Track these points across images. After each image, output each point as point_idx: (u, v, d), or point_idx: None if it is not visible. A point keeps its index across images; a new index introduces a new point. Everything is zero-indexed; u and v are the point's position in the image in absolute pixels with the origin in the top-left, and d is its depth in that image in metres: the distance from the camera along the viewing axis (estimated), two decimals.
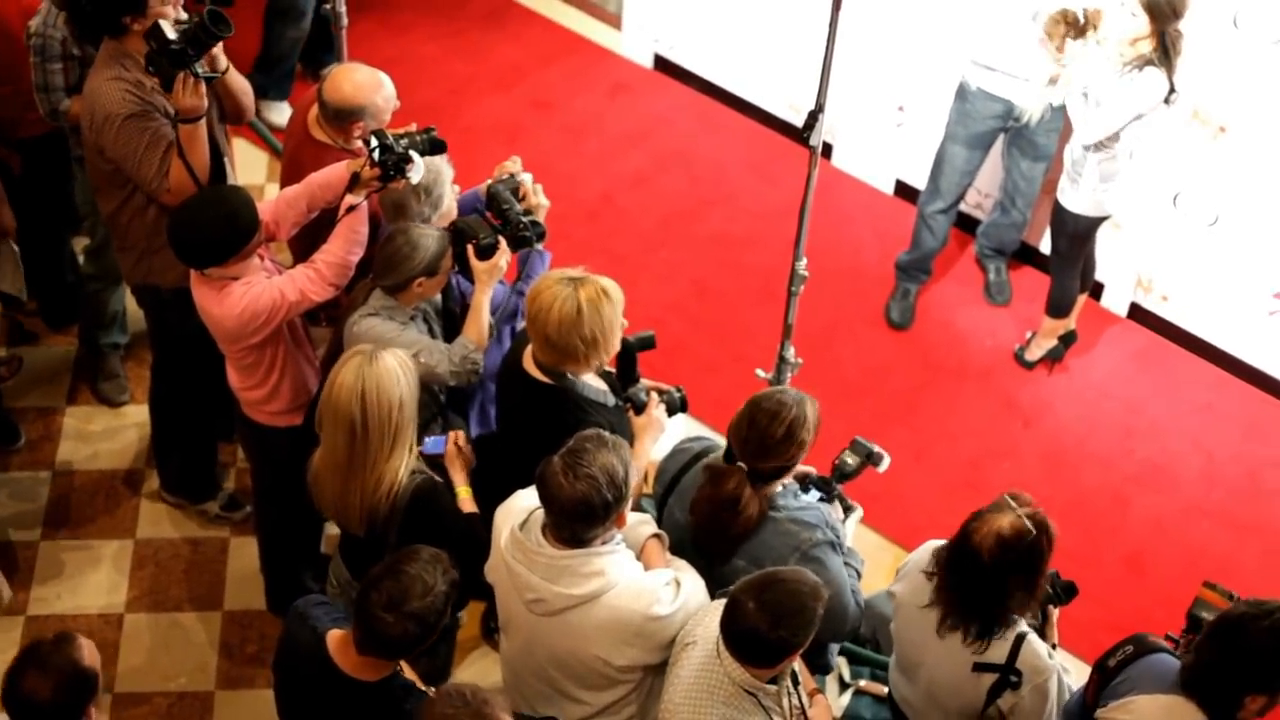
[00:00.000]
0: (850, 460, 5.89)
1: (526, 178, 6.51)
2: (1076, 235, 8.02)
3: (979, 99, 8.09)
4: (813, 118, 6.24)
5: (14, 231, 7.46)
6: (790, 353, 6.99)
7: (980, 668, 5.29)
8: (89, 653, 4.97)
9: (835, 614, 5.41)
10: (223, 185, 6.41)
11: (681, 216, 9.36)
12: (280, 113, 9.46)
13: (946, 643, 5.32)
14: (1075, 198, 7.81)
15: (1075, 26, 7.48)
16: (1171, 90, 7.33)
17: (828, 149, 9.40)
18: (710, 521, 5.44)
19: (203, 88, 6.20)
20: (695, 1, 9.87)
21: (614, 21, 10.56)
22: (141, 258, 6.83)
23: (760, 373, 7.08)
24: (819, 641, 5.42)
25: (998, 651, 5.28)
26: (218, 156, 6.60)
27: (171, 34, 6.08)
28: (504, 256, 6.12)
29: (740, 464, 5.35)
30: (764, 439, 5.29)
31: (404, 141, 6.05)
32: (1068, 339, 8.55)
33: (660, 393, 6.02)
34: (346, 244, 6.14)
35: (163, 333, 7.12)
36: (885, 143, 9.36)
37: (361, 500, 5.53)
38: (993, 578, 5.14)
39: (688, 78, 10.20)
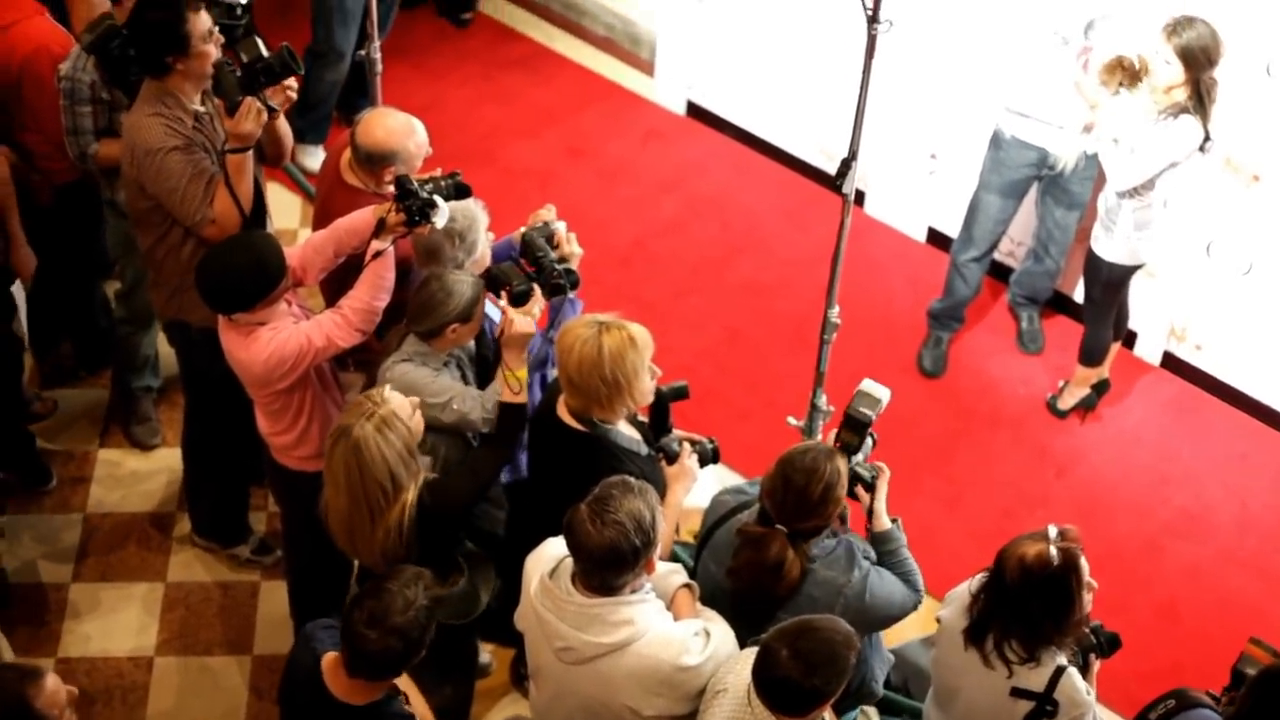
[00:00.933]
0: (850, 438, 5.69)
1: (560, 225, 6.50)
2: (1110, 283, 7.99)
3: (1013, 147, 8.09)
4: (846, 165, 6.24)
5: (29, 276, 7.50)
6: (822, 400, 6.97)
7: (1017, 693, 5.28)
8: (48, 695, 4.79)
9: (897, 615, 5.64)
10: (252, 231, 6.42)
11: (713, 263, 9.36)
12: (315, 157, 9.50)
13: (984, 668, 5.32)
14: (1109, 246, 7.78)
15: (1130, 73, 7.44)
16: (1207, 138, 7.31)
17: (860, 196, 9.40)
18: (753, 588, 5.40)
19: (263, 117, 6.29)
20: (728, 48, 9.90)
21: (647, 68, 10.58)
22: (174, 294, 6.86)
23: (792, 420, 7.07)
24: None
25: (1036, 679, 5.27)
26: (258, 193, 6.63)
27: (264, 51, 6.22)
28: (538, 304, 6.11)
29: (779, 526, 5.32)
30: (801, 500, 5.26)
31: (429, 187, 6.06)
32: (1101, 388, 8.52)
33: (693, 443, 6.01)
34: (373, 290, 6.12)
35: (193, 373, 7.13)
36: (918, 190, 9.35)
37: (374, 548, 5.54)
38: (1016, 601, 5.17)
39: (720, 124, 10.22)
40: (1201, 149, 7.37)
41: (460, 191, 6.21)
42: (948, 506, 8.02)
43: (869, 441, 5.79)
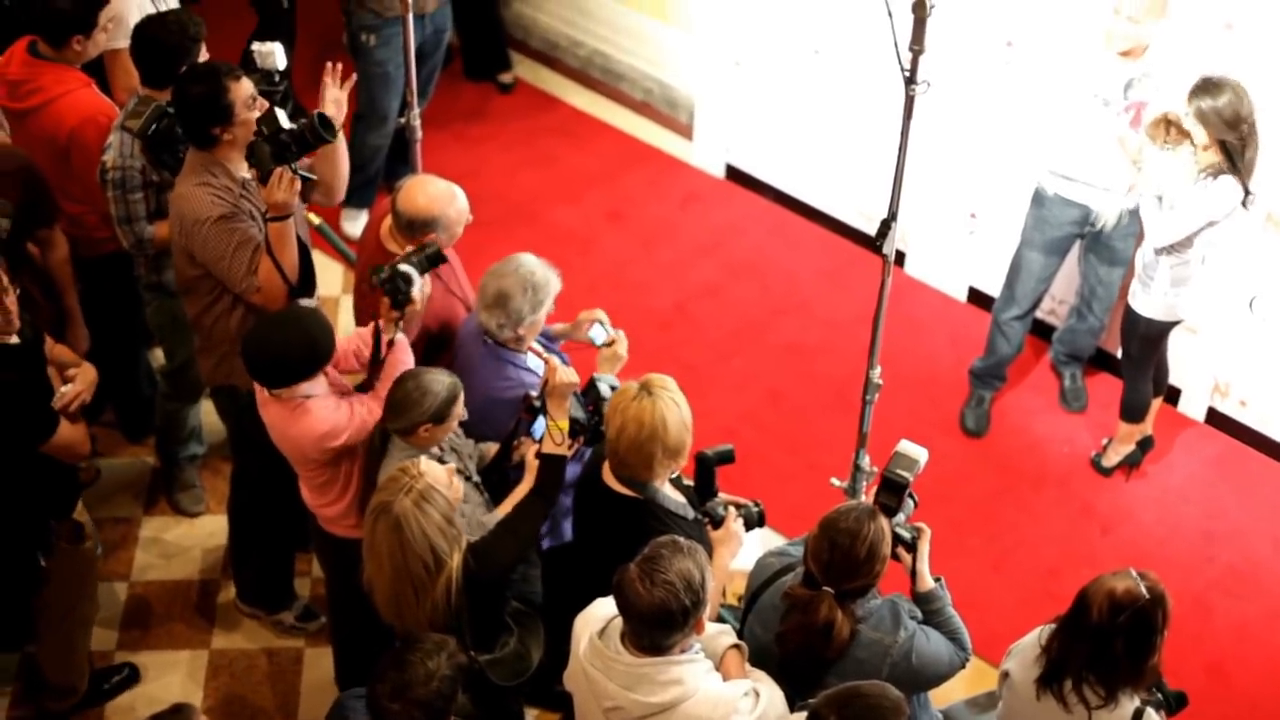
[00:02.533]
0: (889, 500, 5.67)
1: (622, 339, 6.68)
2: (1148, 339, 7.97)
3: (1055, 205, 8.09)
4: (885, 226, 6.25)
5: (83, 352, 7.53)
6: (865, 461, 6.95)
7: None
8: None
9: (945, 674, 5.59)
10: (303, 309, 6.46)
11: (754, 325, 9.37)
12: (357, 222, 9.57)
13: (1062, 713, 5.31)
14: (1146, 301, 7.77)
15: (1178, 129, 7.42)
16: (1247, 194, 7.30)
17: (900, 257, 9.40)
18: (802, 652, 5.38)
19: (297, 185, 6.35)
20: (766, 111, 9.94)
21: (685, 132, 10.62)
22: (223, 360, 6.91)
23: (835, 481, 7.05)
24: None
25: None
26: (306, 257, 6.68)
27: (286, 123, 6.27)
28: (573, 448, 6.13)
29: (826, 588, 5.30)
30: (848, 561, 5.24)
31: (402, 266, 6.20)
32: (1145, 445, 8.48)
33: (738, 506, 6.00)
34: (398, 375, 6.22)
35: (241, 438, 7.16)
36: (958, 250, 9.36)
37: (421, 620, 5.53)
38: (1099, 638, 5.18)
39: (759, 187, 10.25)
40: (1244, 204, 7.35)
41: (434, 261, 6.38)
42: (992, 566, 7.99)
43: (910, 503, 5.77)
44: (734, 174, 10.37)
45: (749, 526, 6.00)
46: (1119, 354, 8.62)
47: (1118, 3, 7.50)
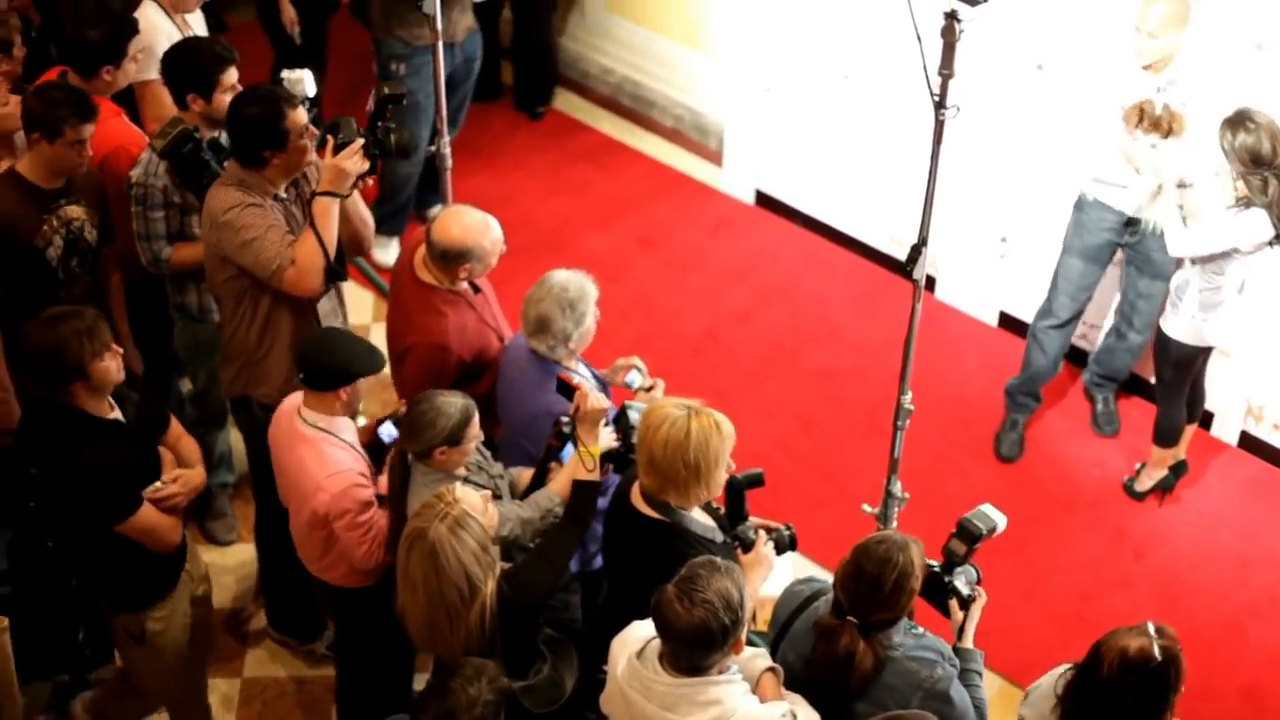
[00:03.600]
0: (958, 547, 5.76)
1: (659, 385, 6.75)
2: (1179, 363, 7.95)
3: (1094, 209, 8.11)
4: (916, 251, 6.24)
5: (139, 371, 7.57)
6: (897, 487, 6.94)
7: None
8: None
9: None
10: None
11: (785, 351, 9.37)
12: (389, 251, 9.61)
13: None
14: (1175, 323, 7.77)
15: (1152, 122, 7.54)
16: (1277, 236, 7.34)
17: (931, 282, 9.39)
18: (826, 679, 5.36)
19: (365, 166, 6.58)
20: (796, 137, 9.94)
21: (715, 158, 10.64)
22: (242, 369, 6.99)
23: (867, 508, 7.04)
24: None
25: None
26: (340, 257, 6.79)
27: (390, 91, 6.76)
28: (603, 476, 6.13)
29: (850, 617, 5.29)
30: (874, 591, 5.19)
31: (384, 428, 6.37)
32: (1178, 469, 8.45)
33: (769, 530, 5.98)
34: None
35: (258, 453, 7.14)
36: (989, 274, 9.34)
37: (456, 647, 5.51)
38: (1108, 695, 5.09)
39: (790, 213, 10.26)
40: (1271, 244, 7.39)
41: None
42: (1025, 592, 7.96)
43: (973, 571, 5.74)
44: (764, 200, 10.38)
45: (780, 550, 5.98)
46: (1153, 379, 8.61)
47: (1138, 19, 7.53)
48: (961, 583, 5.65)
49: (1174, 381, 8.08)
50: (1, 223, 6.89)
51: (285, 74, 7.22)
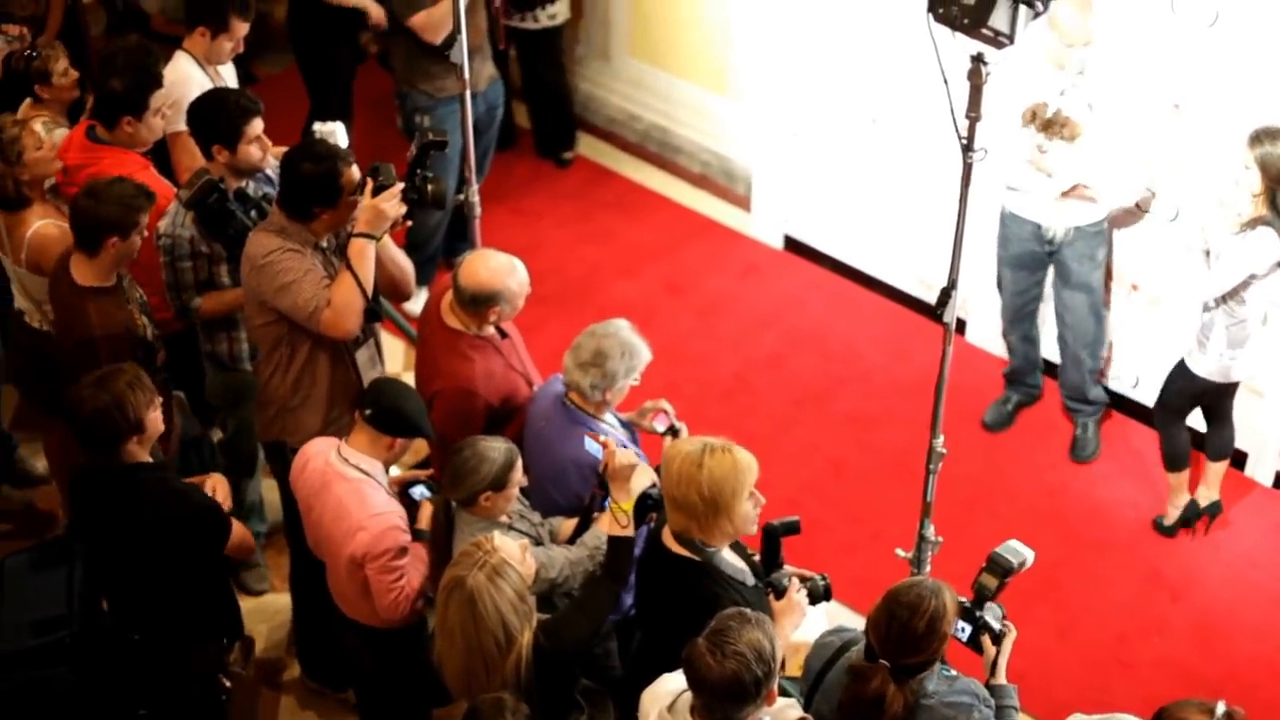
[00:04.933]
0: (990, 581, 5.74)
1: (683, 427, 6.77)
2: (1197, 396, 7.99)
3: (1012, 222, 8.45)
4: (946, 294, 6.24)
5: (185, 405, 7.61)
6: (930, 531, 6.92)
7: None
8: None
9: None
10: None
11: (815, 396, 9.35)
12: (418, 301, 9.60)
13: None
14: (1202, 361, 7.75)
15: (1043, 122, 7.78)
16: None
17: (961, 325, 9.37)
18: None
19: (402, 210, 6.66)
20: (823, 182, 9.95)
21: (743, 203, 10.65)
22: (278, 415, 7.02)
23: (900, 552, 7.01)
24: None
25: None
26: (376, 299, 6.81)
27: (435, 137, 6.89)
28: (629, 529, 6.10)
29: (882, 661, 5.26)
30: (905, 635, 5.17)
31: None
32: (1213, 510, 8.41)
33: (804, 579, 5.96)
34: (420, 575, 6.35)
35: (293, 503, 7.14)
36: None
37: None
38: None
39: (818, 257, 10.25)
40: None
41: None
42: (1060, 633, 7.92)
43: (999, 609, 5.72)
44: (792, 244, 10.38)
45: (814, 600, 5.96)
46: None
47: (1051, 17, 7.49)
48: (992, 618, 5.64)
49: (1178, 407, 8.11)
50: (124, 336, 6.92)
51: (318, 126, 7.29)
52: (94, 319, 6.86)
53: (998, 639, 5.62)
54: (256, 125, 7.21)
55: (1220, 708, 5.02)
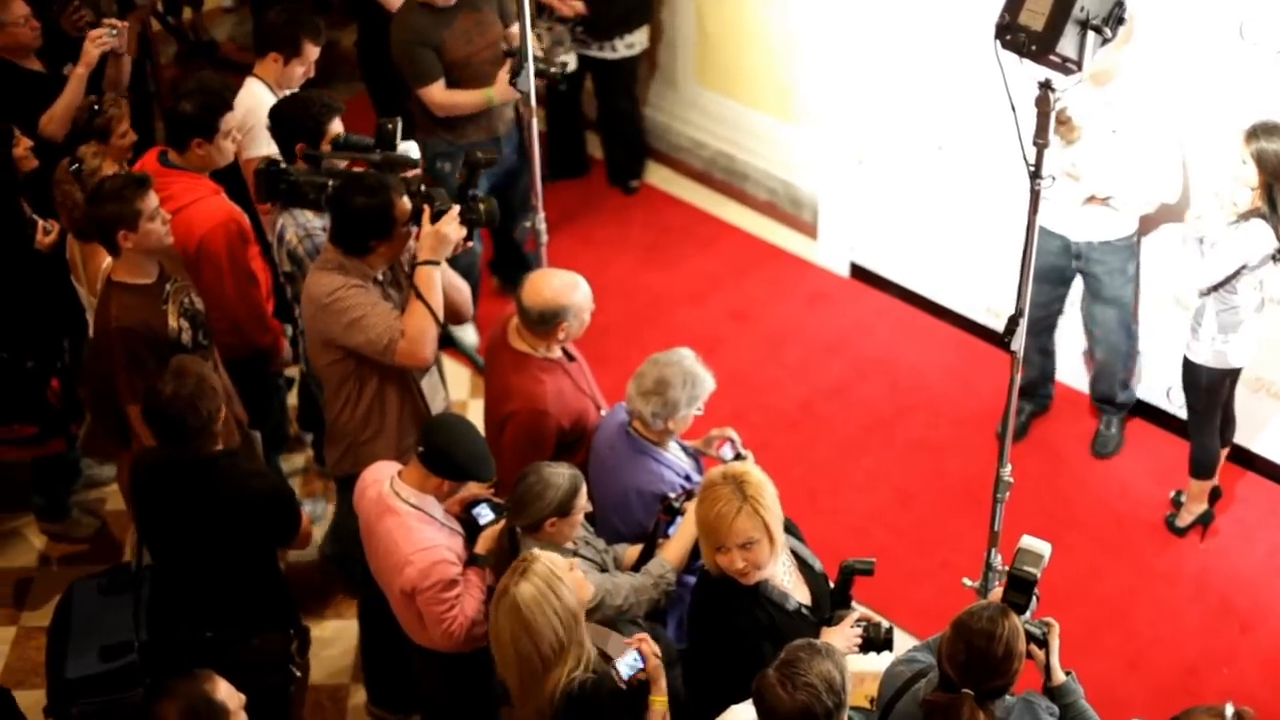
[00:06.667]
0: (1017, 598, 5.64)
1: (749, 455, 6.77)
2: (1209, 389, 7.99)
3: (1041, 235, 8.17)
4: (1013, 322, 6.22)
5: (248, 422, 7.63)
6: (997, 560, 6.88)
7: None
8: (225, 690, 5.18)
9: None
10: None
11: (882, 424, 9.32)
12: (467, 331, 9.64)
13: None
14: (1197, 349, 7.84)
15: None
16: None
17: None
18: None
19: (463, 232, 6.69)
20: (890, 209, 9.93)
21: (810, 231, 10.64)
22: (348, 450, 7.04)
23: (967, 582, 6.98)
24: None
25: None
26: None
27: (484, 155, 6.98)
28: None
29: (965, 690, 5.22)
30: (985, 662, 5.15)
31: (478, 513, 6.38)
32: (1213, 495, 8.51)
33: (870, 623, 5.93)
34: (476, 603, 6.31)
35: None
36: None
37: (545, 706, 5.50)
38: None
39: (885, 285, 10.23)
40: (1275, 259, 7.42)
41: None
42: (1129, 664, 7.86)
43: (1034, 600, 5.69)
44: (859, 272, 10.36)
45: (872, 646, 5.93)
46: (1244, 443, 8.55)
47: None
48: (1033, 625, 5.59)
49: (1205, 410, 8.11)
50: (144, 333, 6.90)
51: (399, 144, 7.32)
52: (113, 310, 6.90)
53: (1042, 642, 5.58)
54: (337, 124, 7.37)
55: (1229, 710, 5.04)
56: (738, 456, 6.77)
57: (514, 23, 8.97)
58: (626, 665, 5.57)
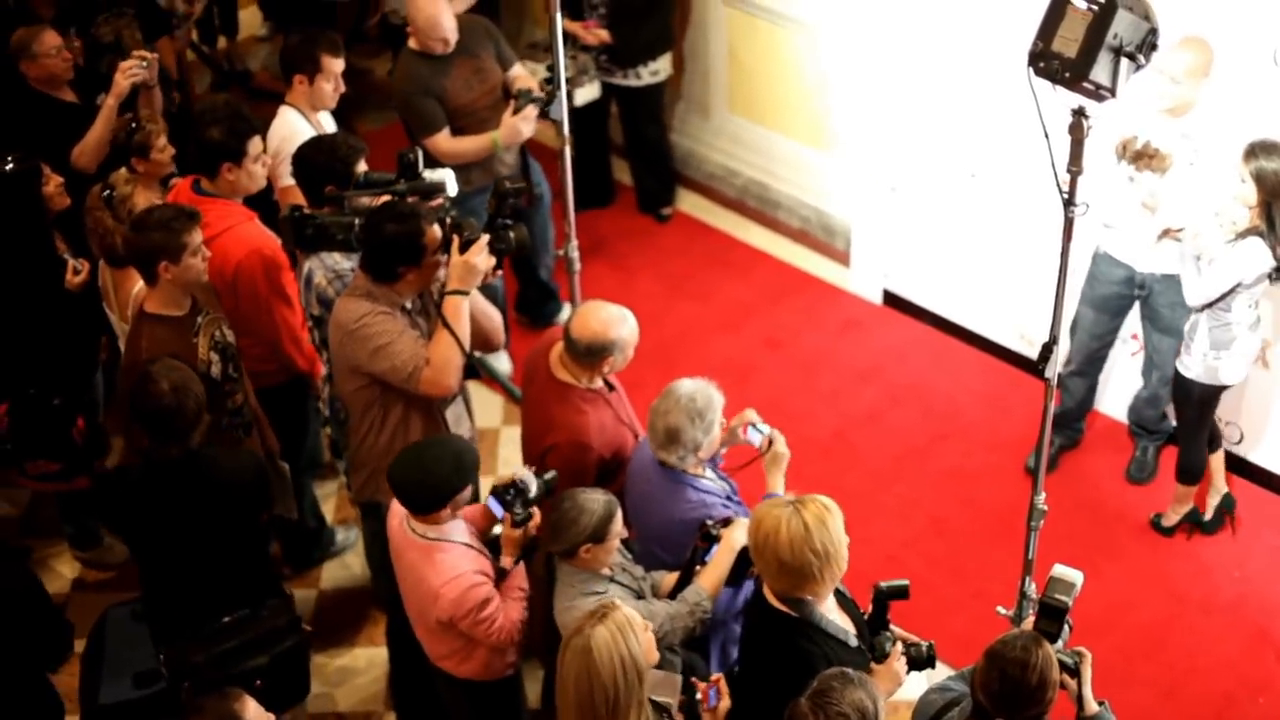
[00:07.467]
0: (1050, 627, 5.61)
1: (778, 436, 6.80)
2: (1202, 402, 8.04)
3: (1103, 262, 8.33)
4: (1047, 349, 6.21)
5: (279, 452, 7.64)
6: (1032, 589, 6.86)
7: None
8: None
9: None
10: (453, 435, 6.60)
11: (915, 452, 9.30)
12: (498, 360, 9.64)
13: None
14: (1189, 364, 7.87)
15: (1133, 153, 7.67)
16: (1278, 267, 7.40)
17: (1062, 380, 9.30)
18: None
19: (492, 262, 6.66)
20: (923, 236, 9.92)
21: (843, 258, 10.63)
22: (371, 476, 7.03)
23: (1001, 610, 6.95)
24: None
25: None
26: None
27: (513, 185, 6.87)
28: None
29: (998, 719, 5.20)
30: (1019, 691, 5.13)
31: (523, 477, 6.29)
32: (1228, 504, 8.61)
33: (909, 644, 5.90)
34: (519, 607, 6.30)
35: (385, 561, 7.16)
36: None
37: None
38: None
39: (918, 312, 10.22)
40: (1270, 279, 7.45)
41: (549, 489, 6.40)
42: (1164, 694, 7.82)
43: (1065, 629, 5.67)
44: (892, 300, 10.35)
45: (918, 666, 5.90)
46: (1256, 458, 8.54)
47: (1160, 62, 7.48)
48: (1064, 655, 5.56)
49: (1195, 422, 8.18)
50: None
51: (428, 174, 7.32)
52: (144, 343, 6.92)
53: (1075, 671, 5.55)
54: (363, 166, 7.39)
55: None
56: (767, 440, 6.75)
57: (513, 66, 9.03)
58: None
